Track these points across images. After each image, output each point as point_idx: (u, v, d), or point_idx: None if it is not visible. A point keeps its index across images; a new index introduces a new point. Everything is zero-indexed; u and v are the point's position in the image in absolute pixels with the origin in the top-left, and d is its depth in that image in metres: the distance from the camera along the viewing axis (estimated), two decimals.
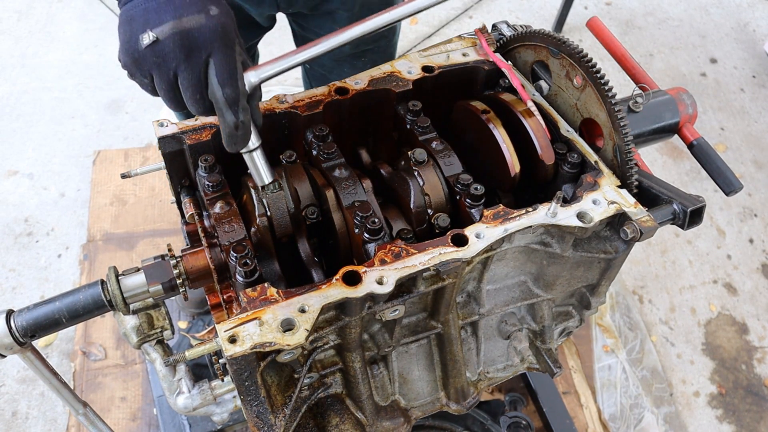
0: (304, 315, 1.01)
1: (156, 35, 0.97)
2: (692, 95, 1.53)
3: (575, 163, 1.28)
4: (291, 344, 0.98)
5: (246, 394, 1.09)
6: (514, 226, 1.15)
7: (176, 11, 0.97)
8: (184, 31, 0.97)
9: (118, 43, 1.03)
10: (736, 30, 4.24)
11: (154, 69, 0.99)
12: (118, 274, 1.18)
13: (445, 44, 1.48)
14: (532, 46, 1.44)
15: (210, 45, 0.98)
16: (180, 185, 1.34)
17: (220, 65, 0.99)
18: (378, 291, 1.04)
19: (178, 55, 0.97)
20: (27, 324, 1.10)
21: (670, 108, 1.49)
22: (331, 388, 1.26)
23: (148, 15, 0.98)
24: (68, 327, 1.16)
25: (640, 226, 1.16)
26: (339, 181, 1.23)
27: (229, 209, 1.18)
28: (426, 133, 1.33)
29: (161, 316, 1.48)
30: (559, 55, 1.36)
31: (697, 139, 1.50)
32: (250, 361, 1.03)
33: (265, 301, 1.03)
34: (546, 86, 1.44)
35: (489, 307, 1.33)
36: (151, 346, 1.49)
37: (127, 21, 1.00)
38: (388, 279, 1.06)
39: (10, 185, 3.21)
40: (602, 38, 1.63)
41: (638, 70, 1.58)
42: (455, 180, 1.25)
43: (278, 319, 1.00)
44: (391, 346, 1.26)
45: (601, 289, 1.36)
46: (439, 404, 1.39)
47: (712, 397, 2.71)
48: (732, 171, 1.46)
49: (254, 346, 0.97)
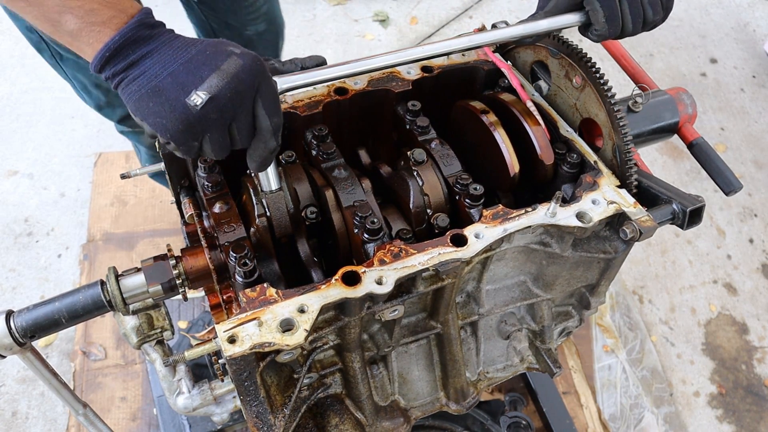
0: (304, 315, 1.01)
1: (207, 93, 0.93)
2: (692, 95, 1.53)
3: (574, 163, 1.28)
4: (290, 344, 0.98)
5: (245, 394, 1.09)
6: (514, 226, 1.15)
7: (211, 63, 0.94)
8: (232, 77, 0.94)
9: (145, 121, 0.96)
10: (736, 30, 4.24)
11: (211, 127, 0.95)
12: (117, 274, 1.18)
13: None
14: (531, 45, 1.44)
15: (255, 81, 0.97)
16: (179, 186, 1.34)
17: (267, 97, 0.98)
18: (377, 291, 1.04)
19: (235, 103, 0.95)
20: (27, 324, 1.10)
21: (670, 108, 1.49)
22: (330, 388, 1.26)
23: (180, 78, 0.94)
24: (68, 327, 1.17)
25: (639, 226, 1.16)
26: (338, 181, 1.23)
27: (229, 209, 1.18)
28: (425, 133, 1.33)
29: (161, 316, 1.48)
30: (558, 55, 1.36)
31: (697, 139, 1.50)
32: (250, 362, 1.03)
33: (264, 302, 1.03)
34: (545, 86, 1.44)
35: (488, 307, 1.33)
36: (151, 347, 1.49)
37: (155, 94, 0.94)
38: (388, 279, 1.06)
39: (10, 185, 3.21)
40: None
41: (637, 70, 1.58)
42: (455, 180, 1.25)
43: (277, 320, 1.00)
44: (391, 346, 1.26)
45: (600, 289, 1.36)
46: (439, 404, 1.39)
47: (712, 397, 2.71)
48: (731, 171, 1.46)
49: (253, 347, 0.97)
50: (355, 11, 4.17)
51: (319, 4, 4.17)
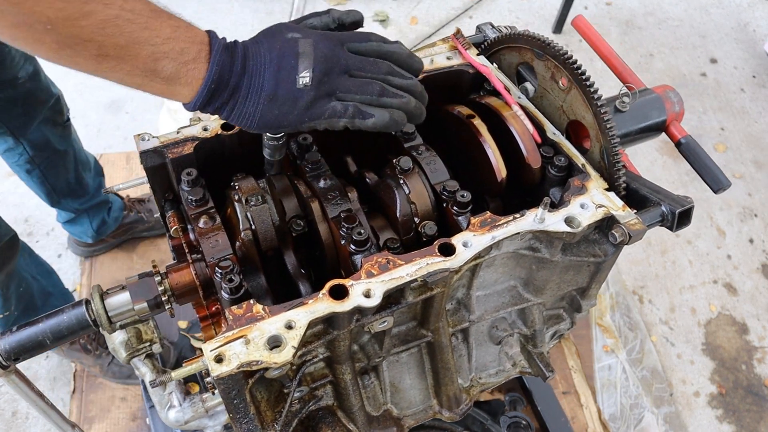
0: (291, 331, 1.00)
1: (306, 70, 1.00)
2: (679, 93, 1.53)
3: (562, 167, 1.27)
4: (278, 362, 0.97)
5: (235, 411, 1.08)
6: (502, 233, 1.14)
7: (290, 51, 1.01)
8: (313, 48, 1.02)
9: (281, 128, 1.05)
10: (736, 30, 4.23)
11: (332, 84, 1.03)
12: (102, 292, 1.16)
13: (429, 48, 1.46)
14: (516, 48, 1.43)
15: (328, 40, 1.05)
16: (164, 199, 1.33)
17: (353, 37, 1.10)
18: (365, 304, 1.03)
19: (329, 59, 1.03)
20: (10, 348, 1.09)
21: (657, 106, 1.48)
22: (322, 400, 1.24)
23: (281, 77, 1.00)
24: (53, 348, 1.15)
25: (628, 230, 1.15)
26: (324, 192, 1.22)
27: (213, 224, 1.16)
28: (411, 139, 1.32)
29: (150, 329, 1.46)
30: (543, 57, 1.35)
31: (685, 137, 1.49)
32: (238, 380, 1.02)
33: (251, 319, 1.01)
34: (532, 88, 1.42)
35: (479, 313, 1.32)
36: (140, 360, 1.47)
37: (272, 100, 1.01)
38: (375, 292, 1.04)
39: (10, 185, 3.19)
40: (588, 37, 1.62)
41: (624, 69, 1.57)
42: (441, 187, 1.24)
43: (265, 337, 0.99)
44: (382, 357, 1.25)
45: (591, 292, 1.35)
46: (432, 412, 1.38)
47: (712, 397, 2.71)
48: (720, 169, 1.45)
49: (241, 365, 0.96)
50: None
51: (319, 4, 4.14)
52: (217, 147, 1.29)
